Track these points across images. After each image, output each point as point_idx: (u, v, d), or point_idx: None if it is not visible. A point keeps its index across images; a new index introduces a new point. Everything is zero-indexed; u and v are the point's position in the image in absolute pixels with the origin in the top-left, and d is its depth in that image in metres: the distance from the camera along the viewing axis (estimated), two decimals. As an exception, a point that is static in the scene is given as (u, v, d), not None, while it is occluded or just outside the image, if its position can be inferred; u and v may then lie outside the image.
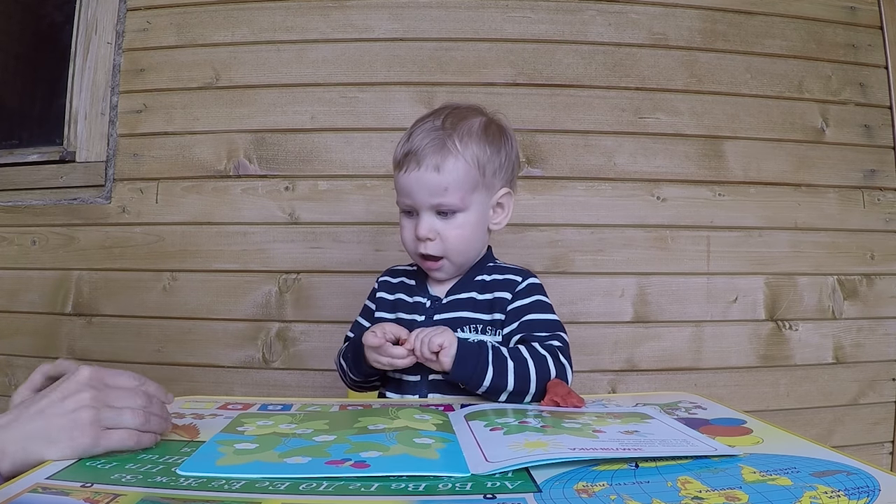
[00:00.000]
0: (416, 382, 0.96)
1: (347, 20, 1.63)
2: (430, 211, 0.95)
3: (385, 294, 1.05)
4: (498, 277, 1.01)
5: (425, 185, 0.93)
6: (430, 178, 0.93)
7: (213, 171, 1.62)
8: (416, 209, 0.95)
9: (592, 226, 1.62)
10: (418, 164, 0.93)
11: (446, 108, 1.01)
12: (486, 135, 0.97)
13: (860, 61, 1.72)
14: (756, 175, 1.66)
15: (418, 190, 0.94)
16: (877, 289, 1.69)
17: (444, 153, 0.93)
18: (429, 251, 0.95)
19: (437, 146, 0.93)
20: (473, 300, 0.99)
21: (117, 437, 0.59)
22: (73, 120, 1.70)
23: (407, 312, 1.01)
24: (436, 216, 0.95)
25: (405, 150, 0.95)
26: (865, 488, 0.49)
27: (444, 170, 0.93)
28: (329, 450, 0.60)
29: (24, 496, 0.48)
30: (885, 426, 1.69)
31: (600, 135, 1.63)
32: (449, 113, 0.98)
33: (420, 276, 1.04)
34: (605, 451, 0.58)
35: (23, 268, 1.65)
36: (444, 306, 0.99)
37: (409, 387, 0.96)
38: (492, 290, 0.99)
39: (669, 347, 1.62)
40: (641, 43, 1.65)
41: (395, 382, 0.98)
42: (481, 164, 0.95)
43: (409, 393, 0.96)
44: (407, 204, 0.96)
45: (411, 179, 0.93)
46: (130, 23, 1.66)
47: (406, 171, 0.94)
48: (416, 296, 1.02)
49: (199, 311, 1.60)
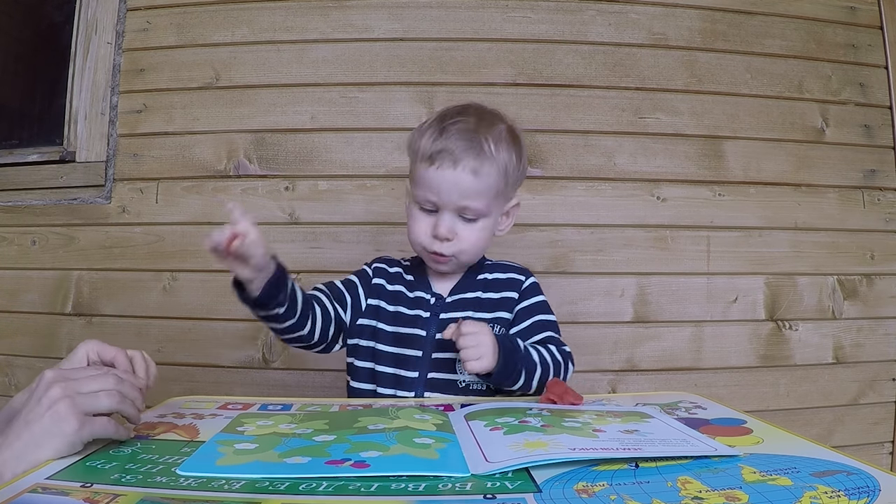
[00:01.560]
0: (414, 380, 0.96)
1: (347, 20, 1.63)
2: (452, 211, 0.93)
3: (382, 282, 1.03)
4: (500, 276, 1.02)
5: (458, 185, 0.91)
6: (464, 180, 0.91)
7: (213, 171, 1.62)
8: (439, 207, 0.93)
9: (592, 226, 1.62)
10: (454, 164, 0.91)
11: (470, 107, 0.99)
12: (513, 142, 0.97)
13: (860, 61, 1.72)
14: (756, 175, 1.66)
15: (449, 189, 0.92)
16: (877, 289, 1.69)
17: (482, 158, 0.92)
18: (443, 251, 0.95)
19: (476, 149, 0.92)
20: (479, 300, 1.00)
21: (100, 422, 0.59)
22: (73, 120, 1.70)
23: (409, 307, 1.00)
24: (457, 217, 0.94)
25: (438, 146, 0.91)
26: (865, 488, 0.49)
27: (480, 174, 0.92)
28: (329, 450, 0.60)
29: (24, 496, 0.48)
30: (885, 426, 1.69)
31: (600, 135, 1.63)
32: (477, 114, 0.97)
33: (418, 272, 1.04)
34: (605, 451, 0.58)
35: (23, 268, 1.65)
36: (450, 305, 0.99)
37: (407, 383, 0.96)
38: (496, 289, 1.00)
39: (669, 347, 1.62)
40: (641, 43, 1.65)
41: (392, 378, 0.97)
42: (508, 172, 0.95)
43: (405, 390, 0.96)
44: (430, 200, 0.93)
45: (444, 177, 0.91)
46: (130, 23, 1.66)
47: (439, 167, 0.91)
48: (417, 291, 1.02)
49: (199, 311, 1.60)
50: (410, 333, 0.98)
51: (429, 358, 0.96)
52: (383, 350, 0.99)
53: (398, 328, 0.99)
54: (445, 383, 0.95)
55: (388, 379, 0.97)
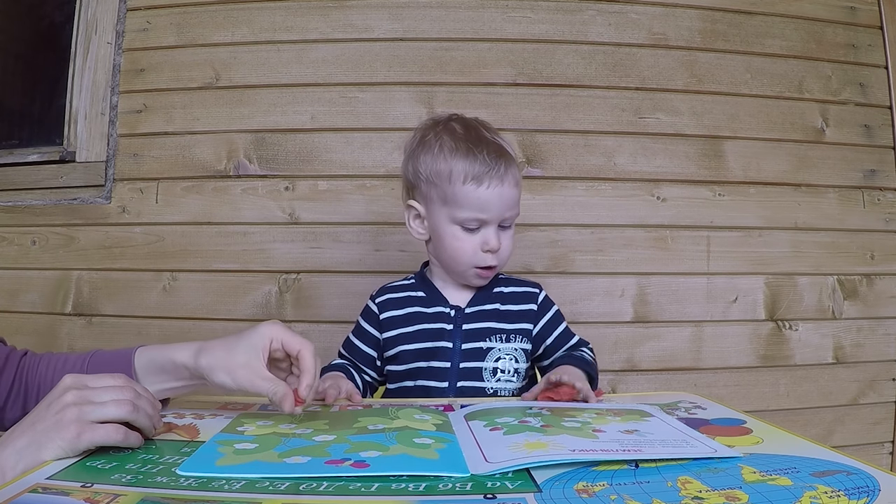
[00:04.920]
0: (444, 389, 0.98)
1: (347, 20, 1.63)
2: (496, 224, 0.97)
3: (394, 312, 1.04)
4: (516, 290, 1.05)
5: (507, 200, 0.96)
6: (511, 194, 0.96)
7: (213, 171, 1.62)
8: (485, 222, 0.96)
9: (592, 226, 1.62)
10: (501, 181, 0.94)
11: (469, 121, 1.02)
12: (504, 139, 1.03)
13: (860, 61, 1.72)
14: (756, 175, 1.66)
15: (500, 205, 0.95)
16: (877, 289, 1.69)
17: (514, 167, 0.97)
18: (493, 263, 0.98)
19: (511, 161, 0.97)
20: (498, 311, 1.02)
21: (103, 430, 0.59)
22: (73, 120, 1.70)
23: (430, 322, 1.01)
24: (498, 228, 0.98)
25: (483, 166, 0.94)
26: (865, 488, 0.49)
27: (519, 183, 0.98)
28: (329, 449, 0.60)
29: (24, 496, 0.48)
30: (885, 426, 1.69)
31: (600, 135, 1.63)
32: (477, 125, 1.01)
33: (428, 287, 1.05)
34: (605, 452, 0.58)
35: (23, 268, 1.65)
36: (470, 316, 1.01)
37: (436, 393, 0.98)
38: (515, 301, 1.03)
39: (669, 347, 1.62)
40: (641, 43, 1.65)
41: (422, 390, 0.99)
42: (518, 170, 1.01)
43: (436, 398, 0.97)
44: (479, 219, 0.96)
45: (494, 195, 0.94)
46: (130, 23, 1.66)
47: (489, 187, 0.94)
48: (435, 306, 1.02)
49: (199, 311, 1.60)
50: (437, 347, 0.99)
51: (457, 368, 0.98)
52: (413, 367, 1.00)
53: (424, 344, 1.00)
54: (474, 391, 0.97)
55: (419, 391, 1.00)
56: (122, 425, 0.60)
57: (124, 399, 0.61)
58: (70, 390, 0.60)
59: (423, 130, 1.02)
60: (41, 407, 0.60)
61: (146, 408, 0.63)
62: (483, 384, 0.98)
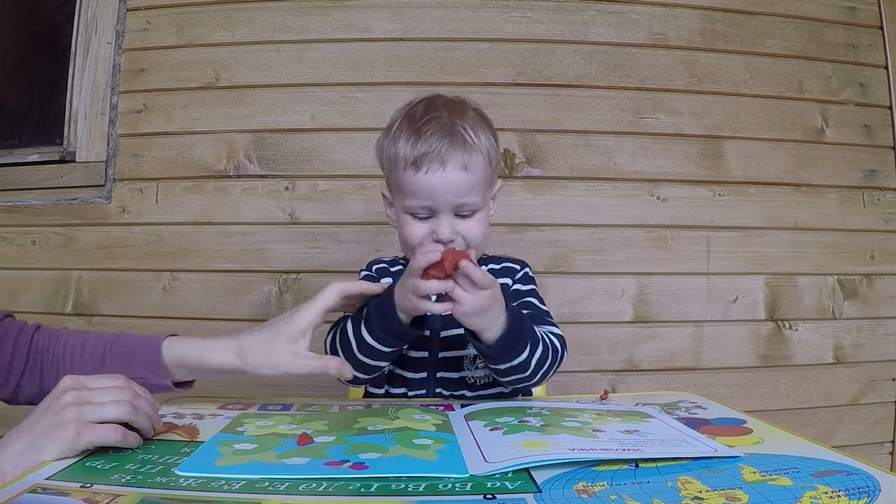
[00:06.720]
0: (423, 380, 0.96)
1: (347, 20, 1.63)
2: (449, 212, 0.88)
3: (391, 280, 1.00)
4: (495, 267, 1.01)
5: (452, 185, 0.87)
6: (457, 178, 0.86)
7: (213, 171, 1.62)
8: (435, 211, 0.89)
9: (592, 226, 1.62)
10: (443, 164, 0.86)
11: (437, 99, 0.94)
12: (487, 125, 0.94)
13: (860, 61, 1.72)
14: (756, 175, 1.66)
15: (443, 191, 0.87)
16: (877, 289, 1.69)
17: (468, 150, 0.87)
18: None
19: (460, 143, 0.87)
20: None
21: (102, 430, 0.59)
22: (73, 120, 1.70)
23: None
24: (454, 216, 0.89)
25: (421, 149, 0.86)
26: (865, 488, 0.49)
27: (470, 167, 0.87)
28: (328, 451, 0.60)
29: (24, 496, 0.48)
30: (885, 426, 1.69)
31: (600, 135, 1.63)
32: (446, 105, 0.92)
33: None
34: (605, 451, 0.58)
35: (23, 268, 1.65)
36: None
37: (415, 384, 0.96)
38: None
39: (669, 347, 1.61)
40: (641, 43, 1.65)
41: (400, 379, 0.97)
42: (491, 158, 0.92)
43: (415, 389, 0.95)
44: (425, 206, 0.88)
45: (434, 181, 0.86)
46: (130, 23, 1.66)
47: (427, 171, 0.86)
48: None
49: (199, 311, 1.60)
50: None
51: (435, 358, 0.96)
52: None
53: None
54: (455, 381, 0.95)
55: (397, 379, 0.97)
56: (120, 426, 0.60)
57: (123, 400, 0.62)
58: (69, 391, 0.60)
59: (395, 112, 0.96)
60: (40, 409, 0.60)
61: (145, 408, 0.64)
62: (464, 373, 0.95)
